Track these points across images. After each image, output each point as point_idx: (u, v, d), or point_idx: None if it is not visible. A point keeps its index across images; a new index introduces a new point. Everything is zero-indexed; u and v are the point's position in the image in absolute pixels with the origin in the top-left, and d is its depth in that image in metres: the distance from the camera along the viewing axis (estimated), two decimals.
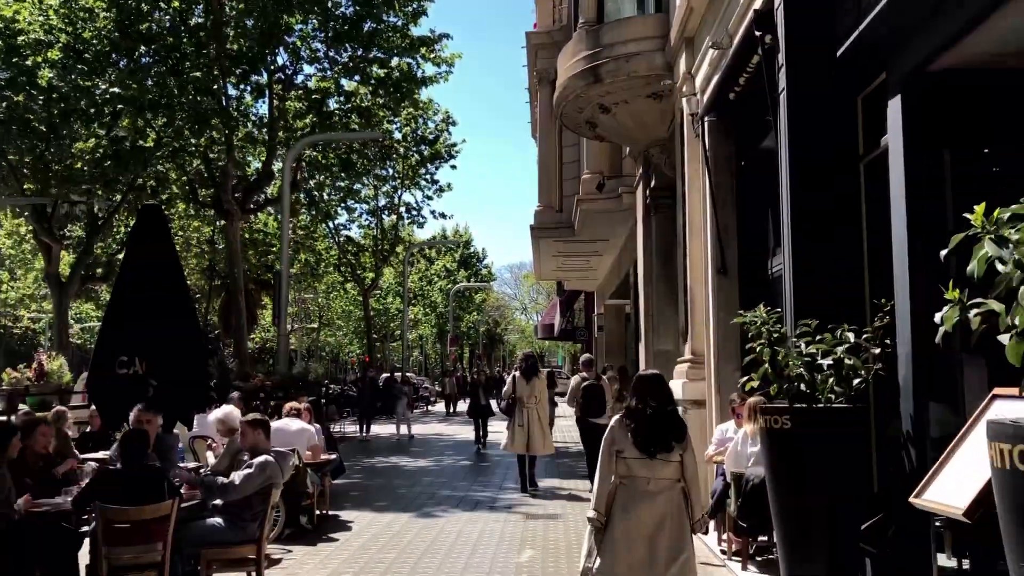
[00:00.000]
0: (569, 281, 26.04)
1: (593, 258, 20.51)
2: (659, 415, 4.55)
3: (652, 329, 13.09)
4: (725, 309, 8.28)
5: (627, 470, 4.51)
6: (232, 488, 5.31)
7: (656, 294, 13.10)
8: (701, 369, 8.73)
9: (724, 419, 8.00)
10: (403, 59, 20.28)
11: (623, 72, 10.30)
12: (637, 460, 4.49)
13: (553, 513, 9.55)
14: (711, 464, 7.32)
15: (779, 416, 4.99)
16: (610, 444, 4.60)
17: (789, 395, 5.04)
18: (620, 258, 19.25)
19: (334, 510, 9.55)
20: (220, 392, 12.29)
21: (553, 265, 21.65)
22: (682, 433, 4.61)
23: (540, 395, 11.52)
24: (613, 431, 4.62)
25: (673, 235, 12.91)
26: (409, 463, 14.96)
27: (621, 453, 4.54)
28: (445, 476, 13.01)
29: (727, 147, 8.51)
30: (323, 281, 40.18)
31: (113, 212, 25.01)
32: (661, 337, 12.95)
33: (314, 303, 49.26)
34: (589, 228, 16.63)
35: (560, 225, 17.68)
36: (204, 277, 34.60)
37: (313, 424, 9.38)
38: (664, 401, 4.64)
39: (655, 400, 4.58)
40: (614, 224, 16.21)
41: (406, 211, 34.53)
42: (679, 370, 9.31)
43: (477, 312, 61.06)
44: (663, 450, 4.48)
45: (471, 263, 60.93)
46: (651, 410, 4.53)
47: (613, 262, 20.48)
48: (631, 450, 4.51)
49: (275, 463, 5.53)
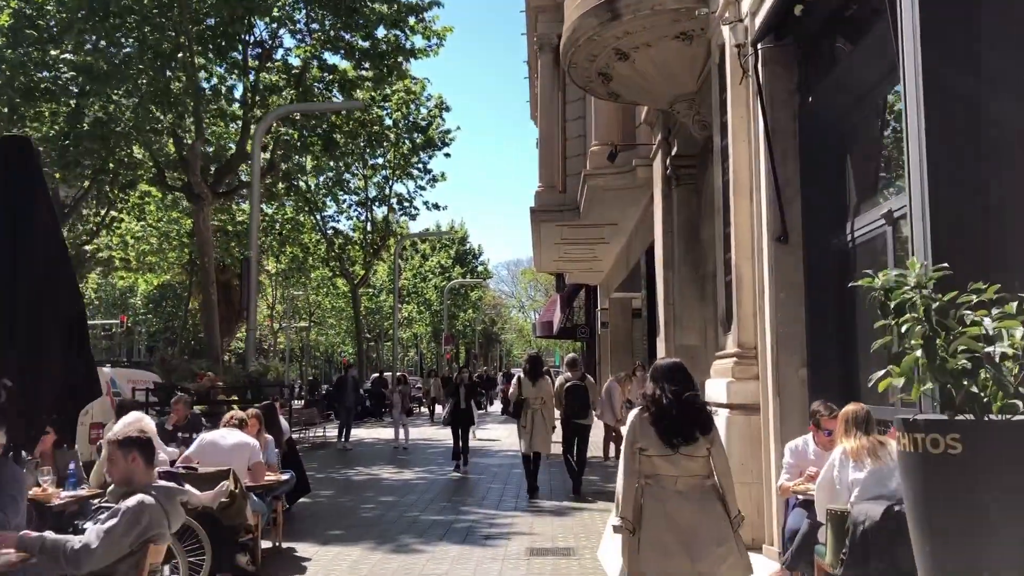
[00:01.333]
0: (571, 274, 24.16)
1: (599, 246, 18.66)
2: (681, 402, 4.12)
3: (673, 321, 11.26)
4: (787, 287, 6.44)
5: (652, 468, 4.13)
6: (86, 556, 3.45)
7: (678, 280, 11.27)
8: (752, 366, 6.88)
9: (789, 430, 6.15)
10: (390, 31, 18.45)
11: (646, 5, 8.44)
12: (661, 458, 4.11)
13: (565, 547, 7.68)
14: (786, 495, 5.45)
15: (940, 435, 3.14)
16: (632, 441, 4.19)
17: (946, 400, 3.21)
18: (629, 245, 17.41)
19: (290, 541, 7.70)
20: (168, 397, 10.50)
21: (554, 254, 19.80)
22: (708, 423, 4.20)
23: (546, 397, 11.20)
24: (634, 427, 4.21)
25: (699, 209, 11.09)
26: (392, 476, 13.09)
27: (644, 450, 4.14)
28: (432, 493, 11.14)
29: (787, 80, 6.66)
30: (312, 277, 38.31)
31: (80, 199, 23.14)
32: (684, 330, 11.13)
33: (303, 300, 47.34)
34: (596, 209, 14.78)
35: (564, 207, 15.83)
36: (185, 271, 32.69)
37: (264, 436, 7.53)
38: (684, 387, 4.20)
39: (675, 386, 4.17)
40: (625, 204, 14.38)
41: (398, 202, 32.74)
42: (720, 367, 7.46)
43: (473, 310, 59.16)
44: (687, 442, 4.09)
45: (467, 260, 59.09)
46: (671, 396, 4.12)
47: (621, 250, 18.63)
48: (654, 445, 4.12)
49: (156, 505, 3.68)
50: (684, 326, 11.11)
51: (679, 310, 11.20)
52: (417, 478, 12.56)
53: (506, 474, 12.83)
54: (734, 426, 6.83)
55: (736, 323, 7.12)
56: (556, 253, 19.64)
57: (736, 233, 7.18)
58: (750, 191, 7.04)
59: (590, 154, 13.34)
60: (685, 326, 11.09)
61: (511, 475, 12.67)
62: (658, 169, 11.82)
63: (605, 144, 13.08)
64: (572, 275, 24.60)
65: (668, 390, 4.16)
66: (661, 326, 11.65)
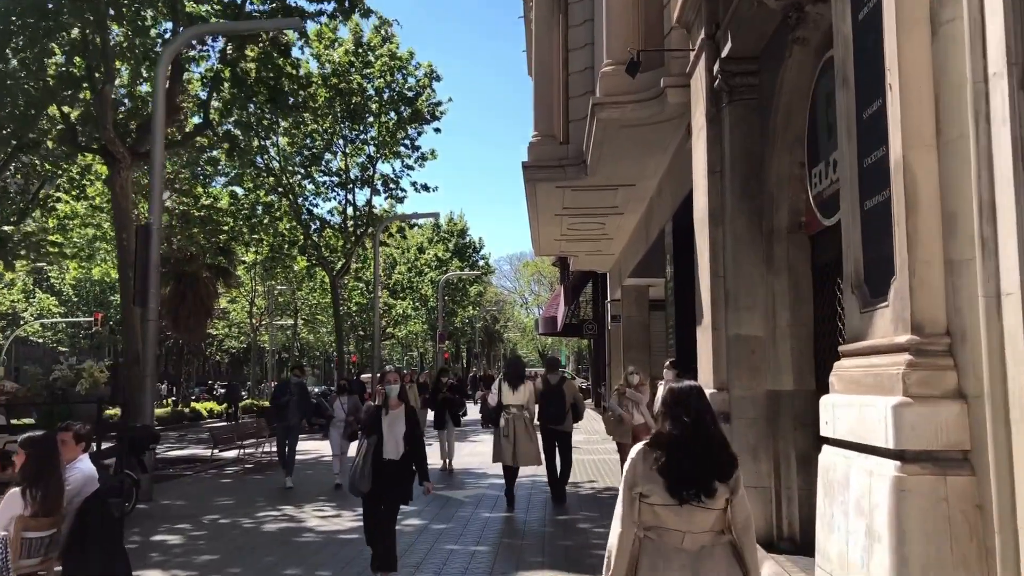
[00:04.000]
0: (576, 258, 20.52)
1: (611, 218, 15.04)
2: (699, 444, 3.13)
3: (724, 301, 7.66)
4: None
5: (653, 518, 3.21)
6: None
7: (731, 241, 7.66)
8: (947, 370, 3.29)
9: None
10: None
11: None
12: (667, 508, 3.16)
13: None
14: None
15: None
16: (630, 484, 3.23)
17: None
18: (650, 213, 13.79)
19: None
20: None
21: (555, 231, 16.19)
22: (730, 468, 3.17)
23: (528, 403, 10.36)
24: (635, 467, 3.24)
25: (763, 134, 7.46)
26: (321, 523, 9.50)
27: (645, 496, 3.19)
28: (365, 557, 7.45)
29: None
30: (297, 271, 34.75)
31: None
32: (742, 314, 7.53)
33: (286, 296, 43.79)
34: (610, 160, 11.16)
35: (566, 162, 12.20)
36: None
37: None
38: (703, 422, 3.19)
39: (692, 419, 3.18)
40: (648, 150, 10.80)
41: (383, 183, 29.17)
42: (858, 375, 3.89)
43: (473, 307, 55.53)
44: (703, 494, 3.11)
45: (467, 254, 55.50)
46: (688, 435, 3.14)
47: (639, 222, 15.00)
48: (659, 493, 3.15)
49: None
50: (741, 307, 7.50)
51: (733, 284, 7.58)
52: (354, 525, 8.92)
53: (480, 527, 9.20)
54: (913, 501, 3.24)
55: (908, 281, 3.49)
56: (557, 229, 16.03)
57: (903, 103, 3.56)
58: (932, 12, 3.42)
59: (601, 77, 9.70)
60: (743, 306, 7.47)
61: (489, 527, 9.09)
62: (699, 84, 8.20)
63: (619, 64, 9.43)
64: (578, 260, 20.96)
65: (684, 426, 3.15)
66: (705, 310, 8.04)
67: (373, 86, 26.84)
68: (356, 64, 26.68)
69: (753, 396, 7.47)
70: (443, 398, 11.78)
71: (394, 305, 49.79)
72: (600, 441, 18.09)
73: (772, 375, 7.43)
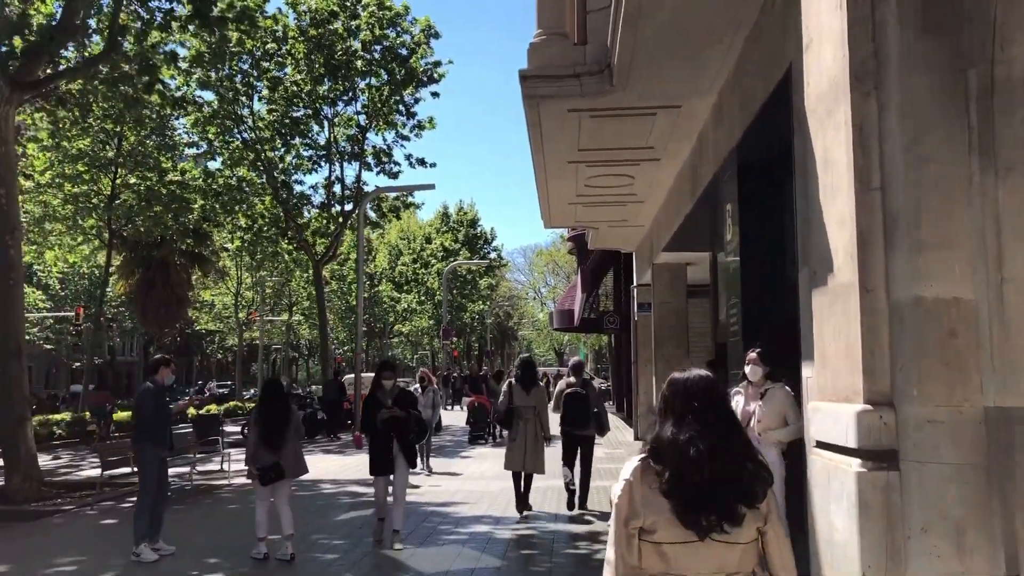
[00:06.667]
0: (597, 231, 16.76)
1: (643, 168, 11.34)
2: (718, 453, 2.34)
3: (886, 233, 3.94)
4: None
5: (661, 564, 2.37)
6: None
7: (901, 116, 3.94)
8: None
9: None
10: None
11: None
12: (679, 547, 2.35)
13: None
14: None
15: None
16: (626, 517, 2.43)
17: None
18: (698, 155, 10.08)
19: None
20: None
21: (569, 188, 12.50)
22: (761, 485, 2.40)
23: (540, 407, 9.93)
24: (630, 491, 2.44)
25: None
26: None
27: (649, 533, 2.39)
28: None
29: None
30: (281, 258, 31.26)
31: None
32: (926, 255, 3.80)
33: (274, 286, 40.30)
34: (648, 59, 7.48)
35: (582, 69, 8.49)
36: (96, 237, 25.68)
37: None
38: (722, 424, 2.42)
39: (706, 421, 2.40)
40: (705, 41, 7.15)
41: (373, 156, 25.61)
42: None
43: (483, 301, 51.86)
44: (727, 522, 2.32)
45: (477, 245, 51.91)
46: (701, 442, 2.35)
47: (681, 170, 11.29)
48: (667, 526, 2.36)
49: None
50: (925, 244, 3.84)
51: (906, 200, 3.92)
52: None
53: None
54: None
55: None
56: (572, 185, 12.33)
57: None
58: None
59: None
60: (928, 243, 3.81)
61: None
62: None
63: None
64: (598, 235, 17.21)
65: (695, 431, 2.37)
66: (835, 256, 4.37)
67: (359, 38, 23.28)
68: (341, 16, 23.16)
69: (955, 419, 3.85)
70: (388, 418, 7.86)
71: (399, 299, 46.29)
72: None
73: (996, 378, 3.78)
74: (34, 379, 58.76)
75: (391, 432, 8.11)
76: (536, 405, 9.83)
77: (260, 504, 7.81)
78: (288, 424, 7.95)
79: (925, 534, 3.79)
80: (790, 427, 5.87)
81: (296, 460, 7.99)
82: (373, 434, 8.22)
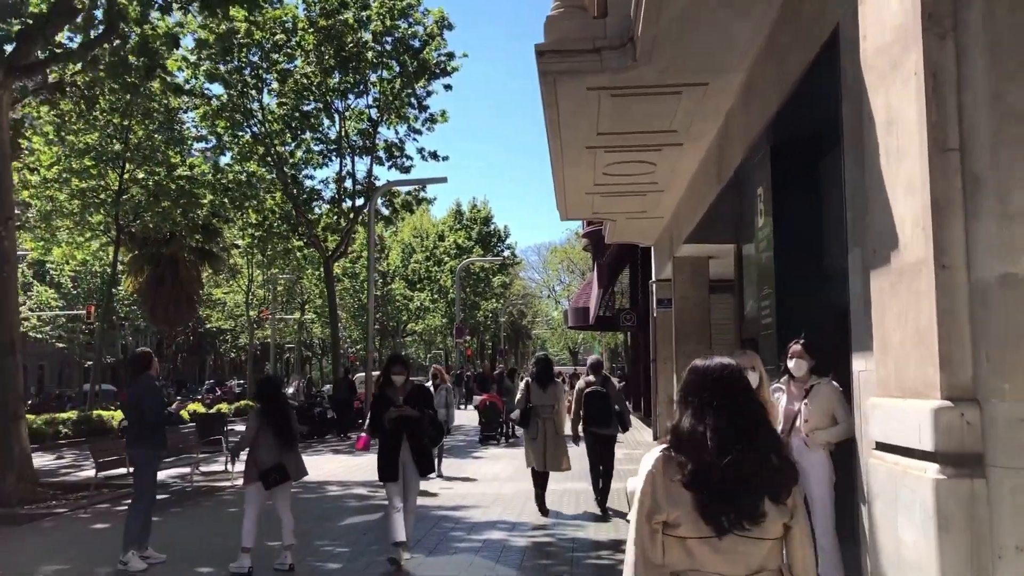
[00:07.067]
0: (614, 223, 16.15)
1: (665, 153, 10.74)
2: (742, 446, 2.21)
3: (966, 201, 3.35)
4: None
5: (684, 559, 2.24)
6: None
7: (987, 63, 3.34)
8: None
9: None
10: None
11: None
12: (701, 542, 2.22)
13: None
14: None
15: None
16: (649, 511, 2.29)
17: None
18: (724, 138, 9.48)
19: None
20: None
21: (587, 177, 11.92)
22: (788, 480, 2.27)
23: (558, 405, 9.80)
24: (652, 483, 2.30)
25: None
26: None
27: (672, 527, 2.26)
28: None
29: None
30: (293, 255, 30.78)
31: None
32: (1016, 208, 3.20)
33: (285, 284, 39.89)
34: (675, 31, 6.90)
35: (603, 43, 7.92)
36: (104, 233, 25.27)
37: None
38: (744, 415, 2.28)
39: (728, 412, 2.26)
40: (737, 9, 6.56)
41: (385, 151, 25.09)
42: None
43: (497, 300, 51.27)
44: (748, 520, 2.20)
45: (491, 243, 51.36)
46: (724, 434, 2.22)
47: (706, 156, 10.68)
48: (690, 518, 2.23)
49: None
50: (1016, 213, 3.23)
51: (992, 160, 3.32)
52: None
53: None
54: None
55: None
56: (590, 174, 11.75)
57: None
58: None
59: None
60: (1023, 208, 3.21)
61: None
62: None
63: None
64: (615, 228, 16.61)
65: (715, 422, 2.23)
66: (899, 230, 3.78)
67: (370, 29, 22.79)
68: (352, 7, 22.67)
69: None
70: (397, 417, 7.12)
71: (411, 298, 45.81)
72: None
73: None
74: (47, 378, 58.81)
75: (401, 433, 7.30)
76: (554, 403, 9.77)
77: (250, 509, 7.15)
78: (292, 422, 7.47)
79: (1021, 553, 3.21)
80: (840, 426, 5.25)
81: (298, 462, 7.48)
82: (382, 436, 7.38)
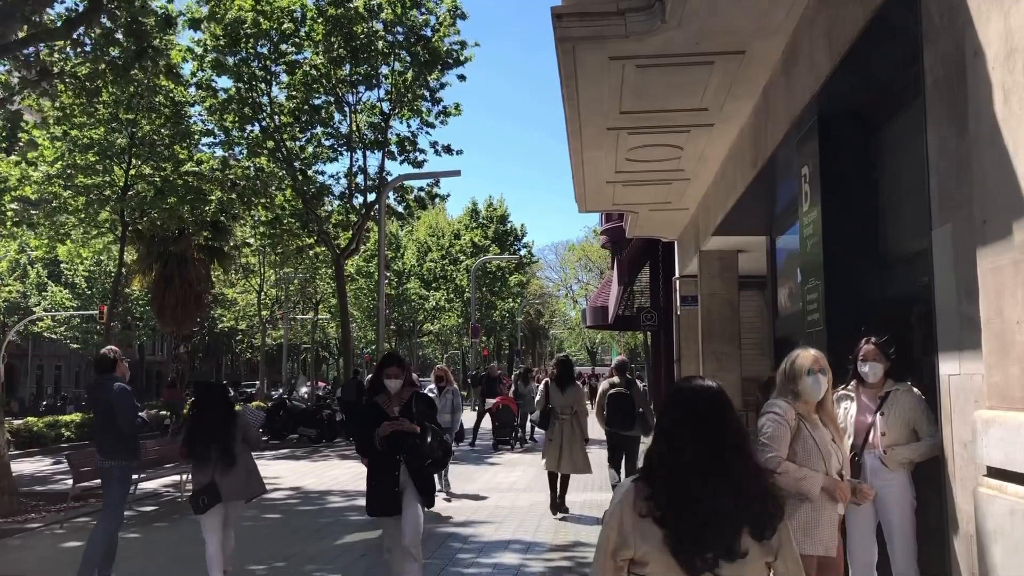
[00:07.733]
0: (636, 215, 15.26)
1: (693, 135, 9.84)
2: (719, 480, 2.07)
3: None
4: None
5: None
6: None
7: None
8: None
9: None
10: None
11: None
12: None
13: None
14: None
15: None
16: (615, 545, 2.13)
17: None
18: (762, 115, 8.57)
19: None
20: None
21: (608, 163, 11.03)
22: (772, 516, 2.09)
23: (578, 406, 9.87)
24: (620, 516, 2.14)
25: None
26: None
27: (640, 567, 2.11)
28: None
29: None
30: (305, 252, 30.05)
31: None
32: None
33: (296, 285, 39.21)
34: None
35: (627, 5, 7.05)
36: (111, 231, 24.68)
37: None
38: (726, 439, 2.13)
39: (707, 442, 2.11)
40: None
41: (398, 146, 24.31)
42: None
43: (514, 299, 50.41)
44: (725, 559, 2.02)
45: (507, 242, 50.51)
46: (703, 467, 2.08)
47: (738, 138, 9.77)
48: (660, 558, 2.05)
49: None
50: None
51: None
52: None
53: None
54: None
55: None
56: (611, 159, 10.87)
57: None
58: None
59: None
60: None
61: None
62: None
63: None
64: (637, 221, 15.71)
65: (694, 450, 2.09)
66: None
67: (380, 18, 22.02)
68: None
69: None
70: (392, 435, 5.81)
71: (427, 297, 45.08)
72: None
73: None
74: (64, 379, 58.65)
75: (397, 455, 5.76)
76: (573, 405, 9.77)
77: (209, 535, 6.21)
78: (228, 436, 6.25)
79: None
80: (924, 442, 4.32)
81: (246, 478, 6.41)
82: (372, 457, 5.86)
